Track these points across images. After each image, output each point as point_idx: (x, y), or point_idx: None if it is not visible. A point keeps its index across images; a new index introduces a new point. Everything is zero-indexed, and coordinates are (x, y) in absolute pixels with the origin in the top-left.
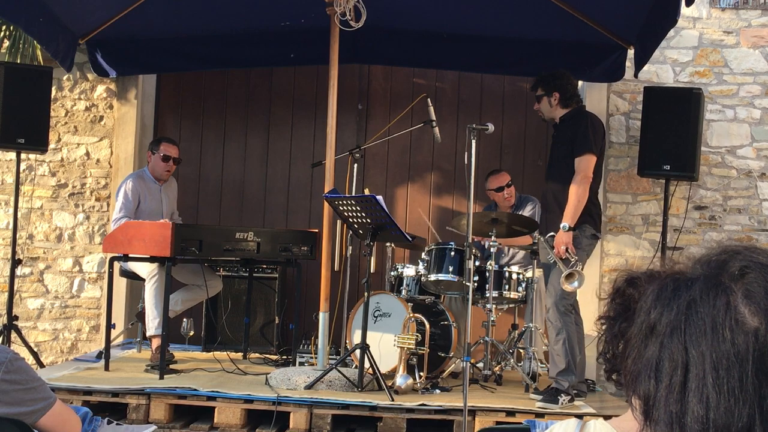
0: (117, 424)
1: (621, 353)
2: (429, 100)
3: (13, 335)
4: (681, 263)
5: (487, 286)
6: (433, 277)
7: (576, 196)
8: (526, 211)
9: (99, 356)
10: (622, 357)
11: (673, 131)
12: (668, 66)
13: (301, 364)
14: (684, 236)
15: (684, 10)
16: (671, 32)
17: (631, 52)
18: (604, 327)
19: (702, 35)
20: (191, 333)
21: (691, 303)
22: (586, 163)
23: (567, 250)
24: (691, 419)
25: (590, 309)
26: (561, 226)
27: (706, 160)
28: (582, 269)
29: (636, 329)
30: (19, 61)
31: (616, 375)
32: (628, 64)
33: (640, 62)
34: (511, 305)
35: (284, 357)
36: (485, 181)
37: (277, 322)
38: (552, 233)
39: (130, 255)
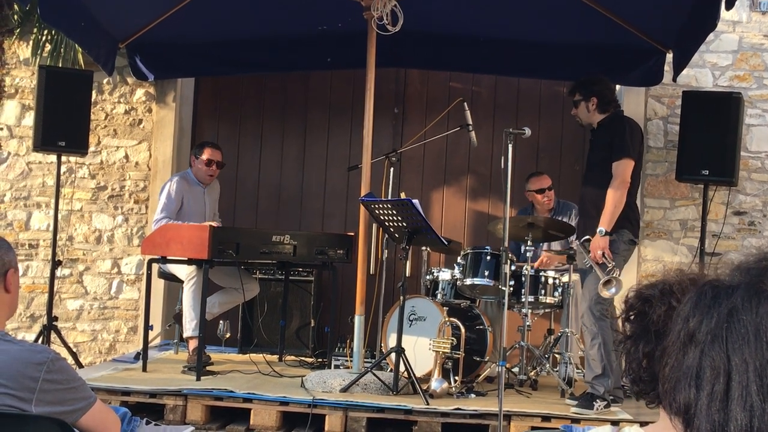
0: (155, 424)
1: (651, 371)
2: (465, 104)
3: (53, 336)
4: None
5: (523, 290)
6: (468, 281)
7: (613, 200)
8: (572, 219)
9: (137, 357)
10: (659, 366)
11: (712, 136)
12: (707, 70)
13: (337, 367)
14: (723, 242)
15: (723, 13)
16: (710, 36)
17: (669, 56)
18: (625, 347)
19: (742, 39)
20: (228, 335)
21: (733, 311)
22: (623, 168)
23: (603, 255)
24: (735, 428)
25: None
26: (598, 230)
27: (746, 165)
28: (620, 275)
29: (674, 337)
30: (60, 65)
31: (644, 395)
32: (666, 68)
33: (679, 66)
34: (546, 310)
35: (320, 360)
36: (526, 181)
37: (312, 324)
38: (587, 237)
39: (168, 257)
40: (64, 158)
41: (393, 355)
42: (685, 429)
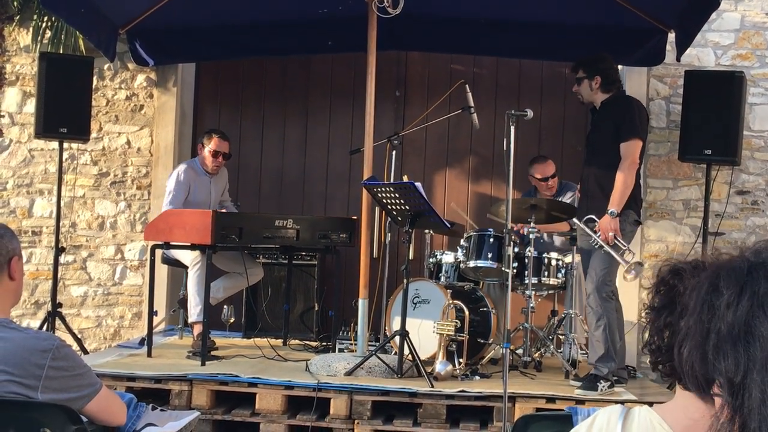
0: (161, 410)
1: (669, 342)
2: (467, 86)
3: (58, 322)
4: (725, 253)
5: (526, 272)
6: (472, 263)
7: (623, 181)
8: (567, 198)
9: (141, 343)
10: (676, 346)
11: (714, 115)
12: (709, 49)
13: (341, 350)
14: (726, 221)
15: None
16: (712, 15)
17: (671, 36)
18: (649, 317)
19: (744, 18)
20: (232, 320)
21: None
22: (633, 149)
23: (615, 236)
24: None
25: (629, 295)
26: (609, 212)
27: (749, 145)
28: (634, 256)
29: (696, 313)
30: (61, 52)
31: (661, 366)
32: (668, 48)
33: (682, 46)
34: (550, 291)
35: (324, 344)
36: (529, 166)
37: (316, 308)
38: (591, 216)
39: (171, 243)
40: (65, 145)
41: (397, 338)
42: (731, 399)
